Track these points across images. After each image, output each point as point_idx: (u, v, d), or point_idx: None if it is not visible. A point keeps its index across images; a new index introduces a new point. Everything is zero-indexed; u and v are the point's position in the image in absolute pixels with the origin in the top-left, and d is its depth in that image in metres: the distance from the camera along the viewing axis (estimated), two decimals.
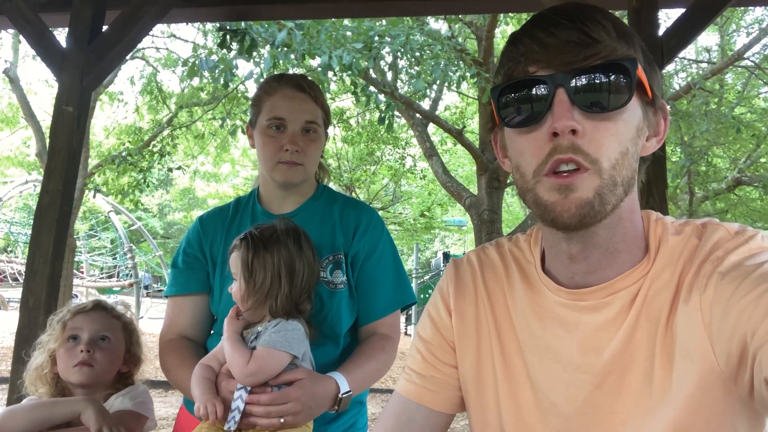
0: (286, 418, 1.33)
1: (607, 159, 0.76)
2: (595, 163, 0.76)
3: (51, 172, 2.45)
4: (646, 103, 0.82)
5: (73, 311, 1.64)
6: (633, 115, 0.79)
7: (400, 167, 16.52)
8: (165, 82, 12.21)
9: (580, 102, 0.76)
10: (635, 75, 0.76)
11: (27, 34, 2.57)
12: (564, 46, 0.76)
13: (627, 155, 0.78)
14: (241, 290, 1.42)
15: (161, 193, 26.62)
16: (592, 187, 0.76)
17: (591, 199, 0.76)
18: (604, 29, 0.76)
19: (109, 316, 1.67)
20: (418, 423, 1.01)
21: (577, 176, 0.76)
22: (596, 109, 0.76)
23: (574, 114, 0.76)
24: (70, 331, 1.61)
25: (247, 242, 1.44)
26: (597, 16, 0.77)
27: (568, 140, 0.76)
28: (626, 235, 0.84)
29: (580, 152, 0.76)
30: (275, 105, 1.61)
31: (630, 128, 0.79)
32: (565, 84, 0.76)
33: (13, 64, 11.22)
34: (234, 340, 1.40)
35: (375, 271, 1.63)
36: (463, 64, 7.15)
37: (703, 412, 0.76)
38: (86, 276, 18.67)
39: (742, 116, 10.96)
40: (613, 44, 0.76)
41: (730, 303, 0.72)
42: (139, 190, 10.57)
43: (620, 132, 0.77)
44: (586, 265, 0.85)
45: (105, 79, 2.89)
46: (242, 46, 5.53)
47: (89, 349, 1.58)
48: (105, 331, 1.64)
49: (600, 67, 0.76)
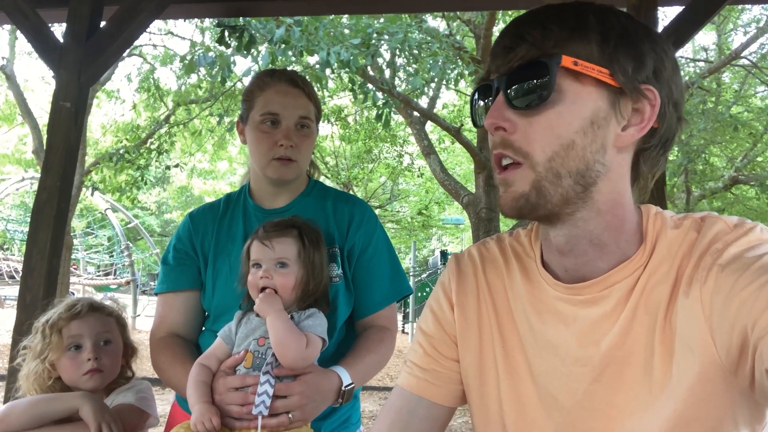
0: (294, 413, 1.32)
1: (540, 152, 0.80)
2: (526, 157, 0.81)
3: (48, 168, 2.44)
4: (615, 91, 0.80)
5: (66, 317, 1.59)
6: (578, 107, 0.79)
7: (397, 165, 16.54)
8: (162, 79, 12.20)
9: (511, 101, 0.82)
10: (555, 71, 0.78)
11: (24, 29, 2.56)
12: (501, 51, 0.83)
13: (573, 147, 0.79)
14: (297, 278, 1.43)
15: (158, 190, 26.58)
16: (527, 181, 0.81)
17: (526, 192, 0.81)
18: (540, 28, 0.80)
19: (104, 316, 1.65)
20: (419, 416, 1.01)
21: (512, 171, 0.83)
22: (522, 106, 0.81)
23: (507, 112, 0.82)
24: (71, 340, 1.56)
25: (303, 234, 1.47)
26: (540, 16, 0.81)
27: (498, 137, 0.83)
28: (610, 227, 0.84)
29: (509, 147, 0.82)
30: (269, 100, 1.60)
31: (571, 121, 0.79)
32: (500, 86, 0.83)
33: (10, 60, 11.18)
34: (287, 319, 1.38)
35: (371, 264, 1.63)
36: (461, 62, 7.15)
37: (704, 404, 0.76)
38: (83, 274, 18.65)
39: (739, 115, 10.99)
40: (543, 42, 0.79)
41: (731, 295, 0.72)
42: (136, 187, 10.56)
43: (555, 125, 0.79)
44: (574, 257, 0.86)
45: (103, 75, 2.88)
46: (240, 42, 5.52)
47: (96, 356, 1.56)
48: (105, 333, 1.62)
49: (519, 68, 0.81)
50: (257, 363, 1.36)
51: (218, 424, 1.30)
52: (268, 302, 1.39)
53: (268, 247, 1.43)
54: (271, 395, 1.30)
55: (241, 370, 1.37)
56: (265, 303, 1.38)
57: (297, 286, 1.43)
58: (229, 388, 1.34)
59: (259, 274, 1.42)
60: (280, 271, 1.43)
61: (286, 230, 1.46)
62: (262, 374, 1.32)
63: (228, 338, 1.44)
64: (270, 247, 1.43)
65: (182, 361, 1.51)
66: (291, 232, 1.46)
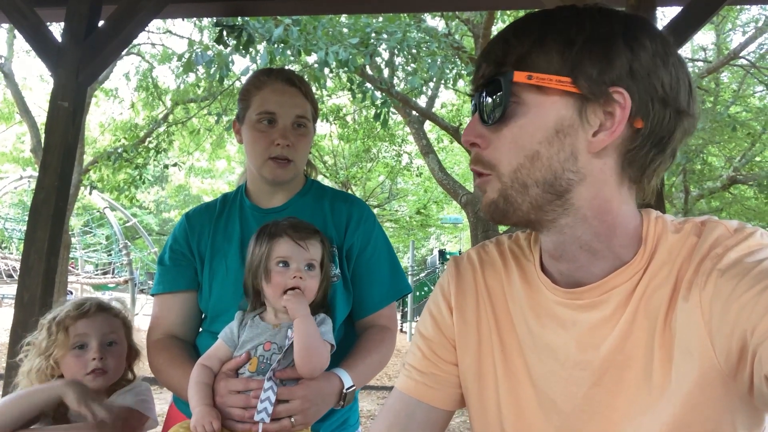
0: (295, 417, 1.32)
1: (507, 164, 0.83)
2: (493, 169, 0.84)
3: (46, 167, 2.43)
4: (580, 98, 0.78)
5: (74, 315, 1.58)
6: (541, 119, 0.79)
7: (396, 164, 16.53)
8: (161, 78, 12.22)
9: (482, 117, 0.85)
10: (508, 87, 0.80)
11: (22, 28, 2.55)
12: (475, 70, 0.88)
13: (538, 158, 0.80)
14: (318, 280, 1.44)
15: (157, 189, 26.56)
16: (495, 189, 0.85)
17: (495, 200, 0.85)
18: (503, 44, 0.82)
19: (111, 317, 1.64)
20: (417, 419, 1.01)
21: (484, 179, 0.87)
22: (489, 122, 0.84)
23: (480, 128, 0.85)
24: (77, 338, 1.56)
25: (325, 242, 1.49)
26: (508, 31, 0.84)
27: (474, 152, 0.87)
28: (599, 234, 0.83)
29: (479, 162, 0.86)
30: (265, 99, 1.59)
31: (534, 132, 0.80)
32: (476, 102, 0.86)
33: (8, 59, 11.15)
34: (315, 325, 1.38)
35: (370, 264, 1.63)
36: (459, 62, 7.15)
37: (703, 408, 0.76)
38: (81, 272, 18.62)
39: (738, 115, 10.99)
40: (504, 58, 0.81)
41: (730, 300, 0.72)
42: (134, 186, 10.55)
43: (518, 138, 0.81)
44: (566, 262, 0.87)
45: (101, 74, 2.88)
46: (239, 42, 5.52)
47: (102, 357, 1.55)
48: (111, 334, 1.61)
49: (484, 85, 0.84)
50: (262, 368, 1.35)
51: (218, 428, 1.29)
52: (300, 302, 1.37)
53: (303, 248, 1.42)
54: (273, 402, 1.29)
55: (245, 374, 1.37)
56: (297, 302, 1.37)
57: (318, 290, 1.45)
58: (231, 391, 1.34)
59: (291, 274, 1.40)
60: (309, 273, 1.42)
61: (314, 234, 1.46)
62: (267, 380, 1.31)
63: (230, 340, 1.42)
64: (305, 248, 1.42)
65: (180, 363, 1.50)
66: (317, 236, 1.47)
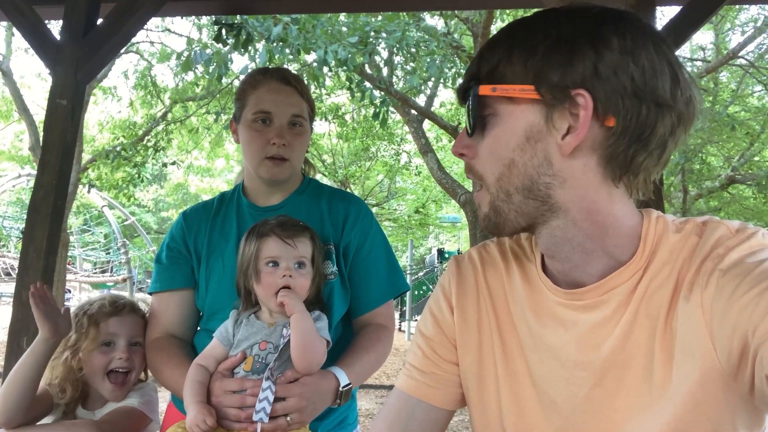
0: (292, 416, 1.32)
1: (490, 174, 0.84)
2: (482, 179, 0.86)
3: (45, 165, 2.43)
4: (545, 104, 0.78)
5: (107, 312, 1.61)
6: (511, 127, 0.81)
7: (395, 163, 16.55)
8: (159, 76, 12.23)
9: (467, 128, 0.86)
10: (474, 100, 0.83)
11: (21, 26, 2.54)
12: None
13: (514, 165, 0.82)
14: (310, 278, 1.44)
15: (155, 188, 26.54)
16: (486, 202, 0.86)
17: (487, 213, 0.87)
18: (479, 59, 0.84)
19: (139, 318, 1.66)
20: (418, 419, 1.01)
21: (478, 194, 0.88)
22: (470, 133, 0.86)
23: (466, 139, 0.87)
24: (107, 336, 1.58)
25: (315, 238, 1.48)
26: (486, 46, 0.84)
27: (465, 162, 0.88)
28: (591, 235, 0.83)
29: (471, 171, 0.87)
30: (261, 98, 1.59)
31: (507, 141, 0.82)
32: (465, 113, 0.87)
33: (6, 56, 11.13)
34: (312, 321, 1.37)
35: (367, 262, 1.63)
36: (458, 61, 7.15)
37: (703, 408, 0.76)
38: (79, 271, 18.61)
39: (736, 114, 11.01)
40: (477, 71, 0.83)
41: (732, 300, 0.72)
42: (133, 184, 10.55)
43: (495, 148, 0.83)
44: (560, 262, 0.87)
45: (100, 72, 2.87)
46: (238, 40, 5.51)
47: (129, 357, 1.58)
48: (138, 336, 1.63)
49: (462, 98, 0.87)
50: (257, 367, 1.35)
51: (213, 424, 1.29)
52: (296, 299, 1.37)
53: (291, 246, 1.41)
54: (272, 401, 1.29)
55: (240, 373, 1.36)
56: (293, 299, 1.37)
57: (310, 287, 1.44)
58: (227, 391, 1.34)
59: (281, 273, 1.40)
60: (300, 270, 1.42)
61: (304, 231, 1.45)
62: (265, 379, 1.31)
63: (225, 339, 1.42)
64: (293, 246, 1.41)
65: (177, 363, 1.50)
66: (306, 233, 1.46)
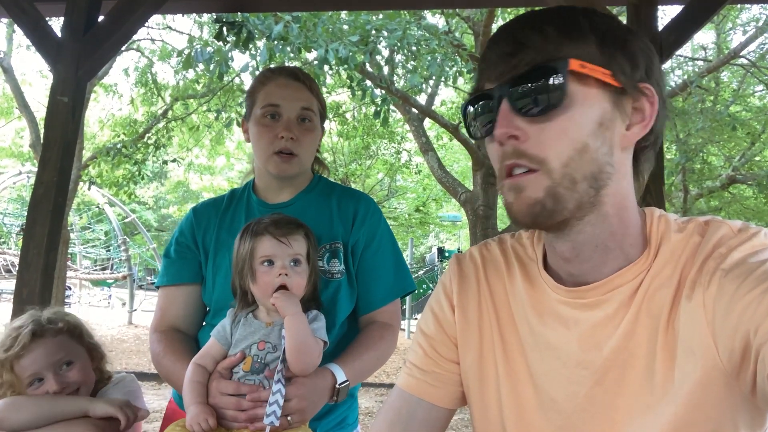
0: (292, 416, 1.31)
1: (556, 158, 0.79)
2: (542, 164, 0.79)
3: (46, 162, 2.43)
4: (616, 92, 0.80)
5: (13, 355, 1.42)
6: (587, 111, 0.79)
7: (395, 162, 16.54)
8: (160, 74, 12.21)
9: (520, 108, 0.80)
10: (566, 74, 0.77)
11: (22, 23, 2.54)
12: (499, 59, 0.82)
13: (586, 151, 0.79)
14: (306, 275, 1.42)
15: (156, 185, 26.55)
16: (542, 187, 0.79)
17: (541, 199, 0.79)
18: (540, 33, 0.79)
19: (53, 338, 1.47)
20: (418, 417, 1.01)
21: (525, 176, 0.80)
22: (534, 113, 0.79)
23: (516, 120, 0.80)
24: (29, 378, 1.42)
25: (310, 235, 1.46)
26: (536, 22, 0.81)
27: (510, 146, 0.80)
28: (615, 232, 0.84)
29: (523, 156, 0.80)
30: (270, 93, 1.60)
31: (584, 123, 0.79)
32: (504, 94, 0.80)
33: (7, 54, 11.13)
34: (307, 323, 1.35)
35: (374, 260, 1.63)
36: (459, 60, 7.14)
37: (705, 408, 0.76)
38: (79, 268, 18.62)
39: (738, 114, 11.01)
40: (546, 46, 0.78)
41: (734, 300, 0.72)
42: (133, 182, 10.55)
43: (569, 130, 0.79)
44: (579, 263, 0.86)
45: (101, 69, 2.87)
46: (239, 38, 5.50)
47: (63, 386, 1.43)
48: (62, 357, 1.46)
49: (528, 73, 0.79)
50: (256, 367, 1.34)
51: (214, 425, 1.29)
52: (289, 300, 1.35)
53: (286, 244, 1.40)
54: (282, 405, 1.28)
55: (239, 373, 1.36)
56: (287, 301, 1.34)
57: (308, 284, 1.43)
58: (223, 393, 1.34)
59: (276, 272, 1.38)
60: (295, 269, 1.40)
61: (297, 228, 1.44)
62: (275, 383, 1.30)
63: (223, 338, 1.42)
64: (288, 245, 1.40)
65: (182, 358, 1.50)
66: (300, 231, 1.44)
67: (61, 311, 1.58)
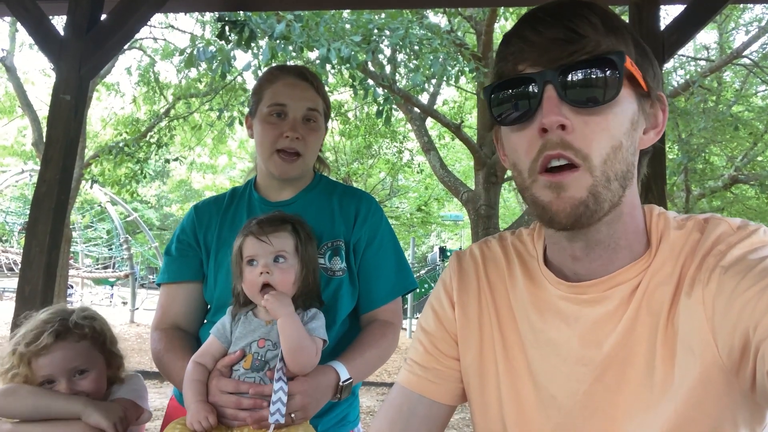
0: (295, 413, 1.31)
1: (598, 154, 0.76)
2: (585, 159, 0.76)
3: (48, 160, 2.43)
4: (641, 95, 0.81)
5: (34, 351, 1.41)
6: (625, 109, 0.79)
7: (397, 161, 16.53)
8: (162, 73, 12.28)
9: (569, 98, 0.76)
10: (623, 68, 0.76)
11: (25, 21, 2.55)
12: (550, 43, 0.77)
13: (621, 149, 0.78)
14: (296, 273, 1.40)
15: (158, 184, 26.56)
16: (584, 186, 0.76)
17: (585, 199, 0.77)
18: (590, 24, 0.77)
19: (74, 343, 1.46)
20: (419, 414, 1.01)
21: (568, 174, 0.76)
22: (585, 104, 0.76)
23: (562, 110, 0.76)
24: (42, 378, 1.41)
25: (299, 229, 1.44)
26: (584, 12, 0.78)
27: (557, 136, 0.76)
28: (627, 230, 0.84)
29: (569, 148, 0.76)
30: (277, 92, 1.60)
31: (623, 122, 0.78)
32: (553, 80, 0.76)
33: (10, 52, 11.14)
34: (300, 324, 1.34)
35: (376, 258, 1.63)
36: (462, 59, 7.13)
37: (705, 405, 0.76)
38: (82, 266, 18.64)
39: (740, 114, 10.98)
40: (599, 39, 0.77)
41: (733, 297, 0.72)
42: (135, 180, 10.56)
43: (611, 126, 0.77)
44: (589, 262, 0.86)
45: (103, 68, 2.87)
46: (241, 37, 5.50)
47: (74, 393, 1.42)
48: (79, 364, 1.44)
49: (586, 62, 0.76)
50: (256, 365, 1.35)
51: (214, 423, 1.29)
52: (279, 302, 1.33)
53: (265, 242, 1.39)
54: (285, 402, 1.28)
55: (239, 370, 1.36)
56: (277, 303, 1.33)
57: (296, 281, 1.40)
58: (223, 391, 1.34)
59: (258, 270, 1.37)
60: (279, 265, 1.38)
61: (281, 224, 1.43)
62: (276, 381, 1.30)
63: (222, 336, 1.42)
64: (267, 242, 1.39)
65: (183, 356, 1.50)
66: (285, 226, 1.43)
67: (92, 313, 1.56)
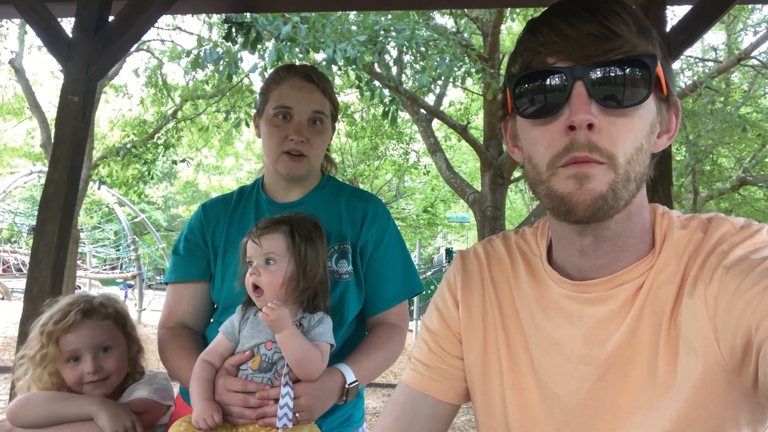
0: (300, 414, 1.32)
1: (623, 154, 0.76)
2: (610, 158, 0.75)
3: (56, 161, 2.44)
4: (661, 99, 0.81)
5: (61, 328, 1.49)
6: (648, 112, 0.79)
7: (403, 162, 16.53)
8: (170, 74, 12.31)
9: (599, 96, 0.75)
10: (654, 72, 0.76)
11: (33, 23, 2.56)
12: (584, 39, 0.75)
13: (641, 151, 0.78)
14: (286, 275, 1.39)
15: (165, 185, 26.67)
16: (606, 181, 0.76)
17: (605, 193, 0.76)
18: (624, 23, 0.76)
19: (100, 321, 1.54)
20: (423, 413, 1.01)
21: (594, 166, 0.75)
22: (614, 104, 0.76)
23: (591, 108, 0.75)
24: (69, 353, 1.49)
25: (294, 229, 1.44)
26: (617, 9, 0.77)
27: (584, 136, 0.75)
28: (635, 229, 0.84)
29: (596, 150, 0.75)
30: (283, 94, 1.60)
31: (645, 124, 0.78)
32: (584, 77, 0.75)
33: (19, 54, 11.22)
34: (300, 337, 1.34)
35: (383, 261, 1.63)
36: (468, 60, 7.12)
37: (707, 404, 0.76)
38: (89, 267, 18.72)
39: (748, 115, 10.92)
40: (634, 39, 0.76)
41: (735, 296, 0.72)
42: (143, 182, 10.61)
43: (636, 128, 0.77)
44: (595, 258, 0.85)
45: (111, 69, 2.88)
46: (247, 39, 5.52)
47: (97, 369, 1.49)
48: (104, 341, 1.52)
49: (620, 62, 0.75)
50: (264, 366, 1.36)
51: (220, 421, 1.30)
52: (276, 317, 1.32)
53: (257, 245, 1.42)
54: (292, 406, 1.29)
55: (247, 371, 1.37)
56: (274, 318, 1.32)
57: (286, 282, 1.40)
58: (229, 390, 1.35)
59: (250, 272, 1.41)
60: (268, 267, 1.40)
61: (277, 226, 1.44)
62: (283, 386, 1.31)
63: (231, 334, 1.43)
64: (258, 244, 1.42)
65: (188, 354, 1.51)
66: (281, 227, 1.44)
67: (113, 297, 1.66)
